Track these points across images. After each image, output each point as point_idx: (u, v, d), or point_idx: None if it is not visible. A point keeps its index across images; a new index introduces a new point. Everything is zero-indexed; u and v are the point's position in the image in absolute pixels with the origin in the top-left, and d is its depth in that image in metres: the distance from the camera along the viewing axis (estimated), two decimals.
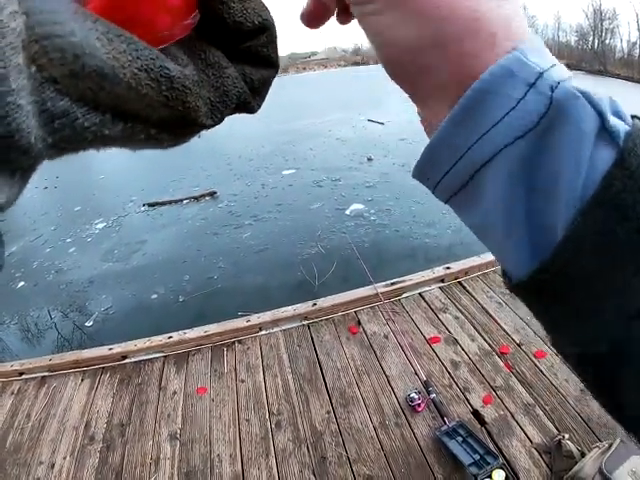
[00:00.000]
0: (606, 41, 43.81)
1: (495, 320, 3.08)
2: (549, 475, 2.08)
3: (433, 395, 2.49)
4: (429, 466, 2.20)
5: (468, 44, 0.21)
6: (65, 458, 2.55)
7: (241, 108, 0.25)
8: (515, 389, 2.56)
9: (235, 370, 2.97)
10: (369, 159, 11.03)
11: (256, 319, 3.29)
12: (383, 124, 15.76)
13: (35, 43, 0.14)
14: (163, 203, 9.39)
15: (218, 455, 2.43)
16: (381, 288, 3.40)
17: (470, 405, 2.50)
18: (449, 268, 3.59)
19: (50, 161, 0.18)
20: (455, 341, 2.95)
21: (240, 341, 3.20)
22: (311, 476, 2.25)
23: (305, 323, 3.26)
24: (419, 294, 3.44)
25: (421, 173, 0.25)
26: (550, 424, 2.33)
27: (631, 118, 0.21)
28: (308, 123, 18.01)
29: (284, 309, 3.35)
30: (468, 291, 3.42)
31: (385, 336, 3.06)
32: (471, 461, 2.07)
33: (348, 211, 7.73)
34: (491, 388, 2.58)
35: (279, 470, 2.31)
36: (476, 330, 3.02)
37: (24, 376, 3.19)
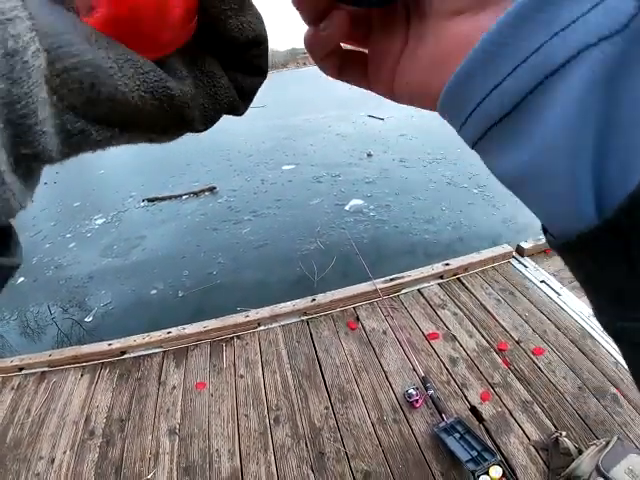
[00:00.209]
0: None
1: (493, 317, 3.09)
2: (546, 472, 2.09)
3: (431, 391, 2.50)
4: (427, 462, 2.21)
5: None
6: (65, 453, 2.57)
7: (230, 112, 0.26)
8: (513, 386, 2.57)
9: (234, 365, 2.98)
10: (369, 155, 10.99)
11: (255, 314, 3.29)
12: (383, 120, 15.72)
13: (56, 77, 0.16)
14: (162, 198, 9.38)
15: (217, 450, 2.45)
16: (380, 284, 3.40)
17: (468, 402, 2.51)
18: (448, 264, 3.59)
19: None
20: (453, 337, 2.96)
21: (239, 336, 3.21)
22: (309, 471, 2.27)
23: (304, 319, 3.27)
24: (418, 290, 3.44)
25: (454, 96, 0.20)
26: (548, 421, 2.34)
27: None
28: (308, 118, 17.96)
29: (283, 305, 3.36)
30: (467, 287, 3.42)
31: (384, 332, 3.07)
32: (468, 457, 2.08)
33: (347, 207, 7.71)
34: (489, 385, 2.59)
35: (277, 465, 2.32)
36: (474, 327, 3.03)
37: (24, 371, 3.21)
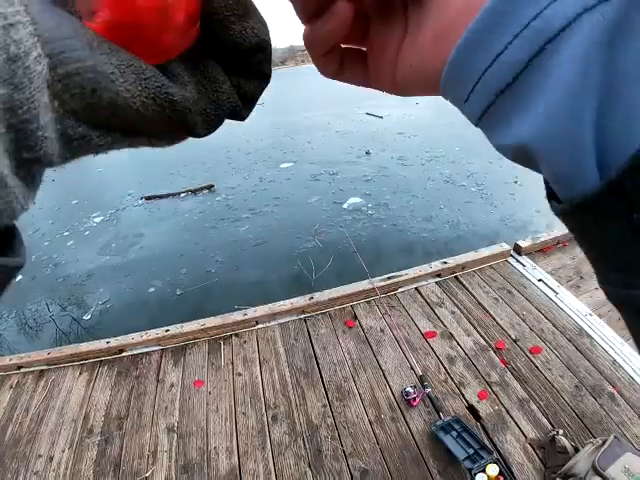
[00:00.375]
0: None
1: (491, 315, 3.10)
2: (543, 470, 2.11)
3: (428, 390, 2.51)
4: (424, 460, 2.22)
5: None
6: (64, 451, 2.57)
7: (232, 117, 0.26)
8: (510, 384, 2.58)
9: (232, 363, 2.98)
10: (367, 153, 11.00)
11: (253, 313, 3.29)
12: (382, 118, 15.73)
13: (58, 82, 0.16)
14: (161, 196, 9.37)
15: (215, 448, 2.45)
16: (378, 282, 3.40)
17: (465, 400, 2.52)
18: (446, 263, 3.60)
19: None
20: (451, 336, 2.97)
21: (237, 334, 3.21)
22: (307, 469, 2.27)
23: (302, 317, 3.27)
24: (415, 289, 3.45)
25: (456, 70, 0.20)
26: (544, 420, 2.35)
27: None
28: (306, 116, 17.97)
29: (281, 303, 3.36)
30: (465, 286, 3.43)
31: (381, 330, 3.07)
32: (465, 455, 2.09)
33: (346, 205, 7.72)
34: (486, 383, 2.60)
35: (275, 463, 2.33)
36: (472, 325, 3.04)
37: (22, 369, 3.20)
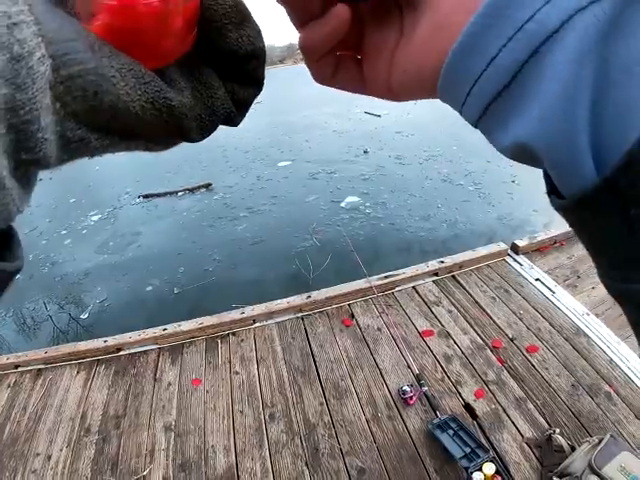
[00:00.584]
0: None
1: (488, 314, 3.11)
2: (539, 469, 2.12)
3: (425, 388, 2.52)
4: (421, 459, 2.23)
5: None
6: (62, 449, 2.57)
7: (225, 123, 0.27)
8: (507, 383, 2.59)
9: (229, 362, 2.98)
10: (365, 152, 11.00)
11: (250, 311, 3.30)
12: (380, 116, 15.72)
13: (60, 84, 0.16)
14: (158, 195, 9.36)
15: (212, 446, 2.46)
16: (375, 281, 3.41)
17: (462, 399, 2.52)
18: (443, 262, 3.61)
19: None
20: (448, 335, 2.98)
21: (234, 333, 3.21)
22: (304, 467, 2.28)
23: (299, 315, 3.28)
24: (413, 287, 3.46)
25: (452, 74, 0.20)
26: (541, 418, 2.36)
27: None
28: (304, 115, 17.93)
29: (278, 301, 3.36)
30: (462, 285, 3.44)
31: (378, 329, 3.08)
32: (462, 454, 2.10)
33: (343, 204, 7.73)
34: (483, 382, 2.61)
35: (272, 461, 2.33)
36: (469, 324, 3.05)
37: (20, 369, 3.20)
